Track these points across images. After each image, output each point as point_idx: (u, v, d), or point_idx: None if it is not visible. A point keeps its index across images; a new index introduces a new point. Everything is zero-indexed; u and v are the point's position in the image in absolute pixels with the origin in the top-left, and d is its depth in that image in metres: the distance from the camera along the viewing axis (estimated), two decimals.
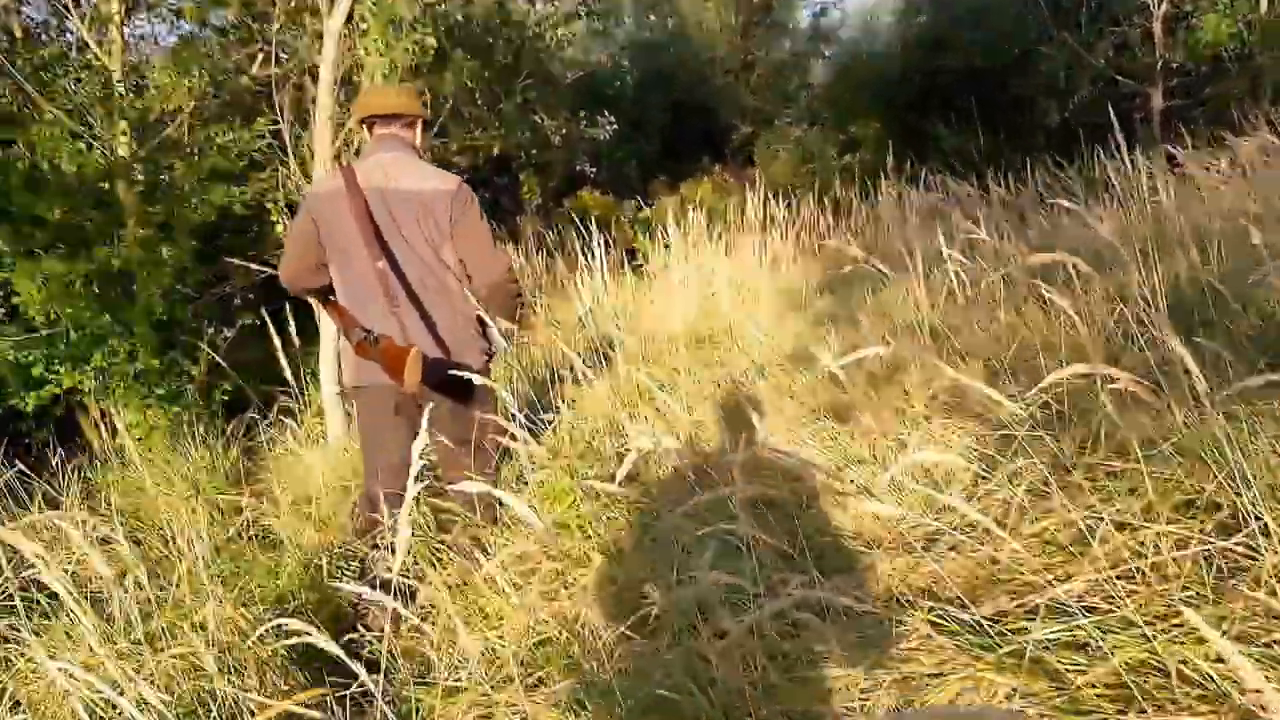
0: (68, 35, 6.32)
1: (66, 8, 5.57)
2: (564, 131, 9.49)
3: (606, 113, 9.40)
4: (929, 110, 12.08)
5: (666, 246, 7.50)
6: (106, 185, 5.68)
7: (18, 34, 6.11)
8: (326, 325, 5.03)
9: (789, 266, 7.11)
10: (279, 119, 5.47)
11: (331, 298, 3.04)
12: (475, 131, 8.28)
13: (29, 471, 5.71)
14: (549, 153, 9.42)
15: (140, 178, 6.09)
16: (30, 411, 5.45)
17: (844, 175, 11.55)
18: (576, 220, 8.87)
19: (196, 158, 6.16)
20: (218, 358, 5.62)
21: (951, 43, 11.83)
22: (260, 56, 6.15)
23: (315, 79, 5.24)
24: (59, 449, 5.47)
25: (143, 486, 4.54)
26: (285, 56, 6.34)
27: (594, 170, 11.28)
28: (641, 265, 8.56)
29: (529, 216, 12.84)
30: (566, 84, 12.67)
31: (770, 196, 9.13)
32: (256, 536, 3.67)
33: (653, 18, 17.41)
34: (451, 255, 2.97)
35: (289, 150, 5.32)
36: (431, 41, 5.20)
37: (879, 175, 9.46)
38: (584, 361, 3.71)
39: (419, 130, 3.13)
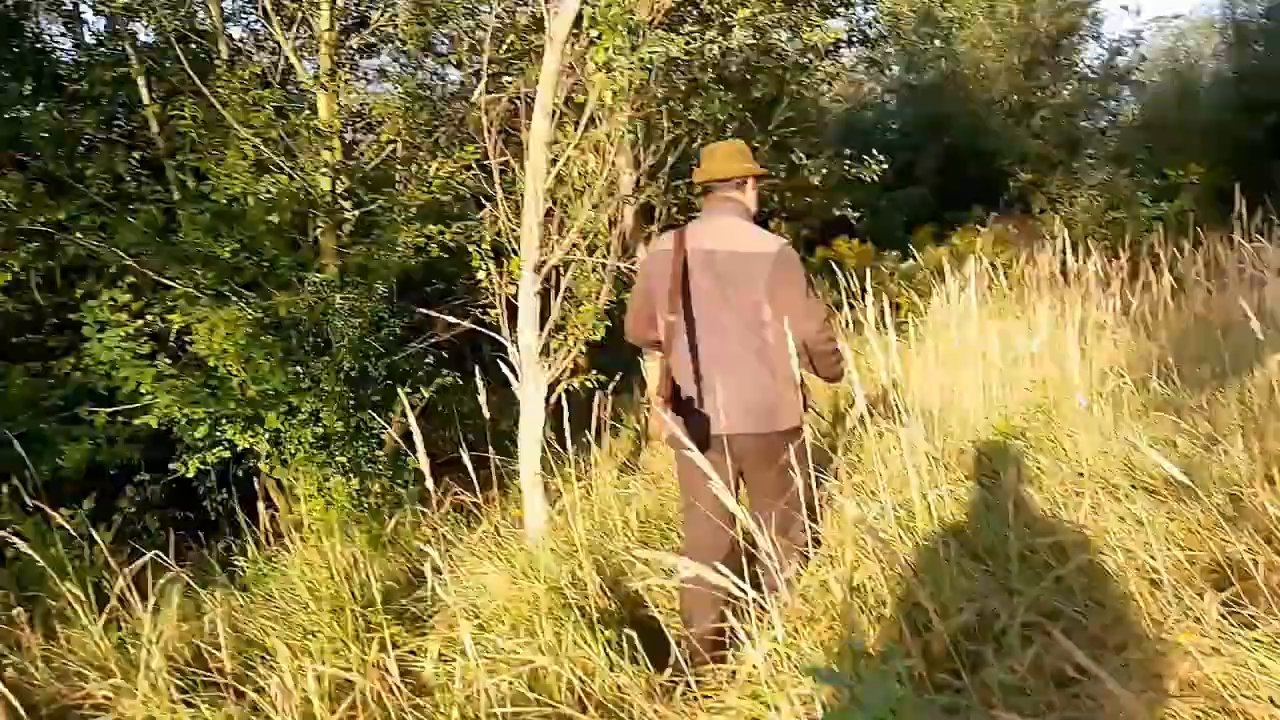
0: (272, 56, 5.82)
1: (270, 21, 4.97)
2: (824, 172, 8.24)
3: (875, 152, 7.99)
4: (1271, 152, 9.84)
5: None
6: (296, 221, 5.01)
7: (223, 54, 5.64)
8: (524, 395, 4.22)
9: (1114, 334, 5.52)
10: (487, 148, 4.59)
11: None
12: None
13: (196, 537, 5.04)
14: (806, 195, 8.18)
15: (347, 214, 5.38)
16: (194, 473, 4.80)
17: (1157, 225, 9.61)
18: (834, 269, 7.66)
19: (405, 193, 5.41)
20: (411, 422, 4.77)
21: None
22: (482, 81, 5.34)
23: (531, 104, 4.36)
24: (239, 513, 4.81)
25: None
26: (509, 80, 5.48)
27: (858, 215, 9.87)
28: (904, 324, 7.23)
29: None
30: (829, 120, 11.51)
31: (1070, 248, 7.58)
32: None
33: (925, 58, 15.86)
34: (770, 314, 3.01)
35: (496, 184, 4.40)
36: (674, 50, 4.20)
37: (1203, 226, 7.59)
38: None
39: (751, 187, 3.24)
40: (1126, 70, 14.98)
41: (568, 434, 4.36)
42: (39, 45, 6.76)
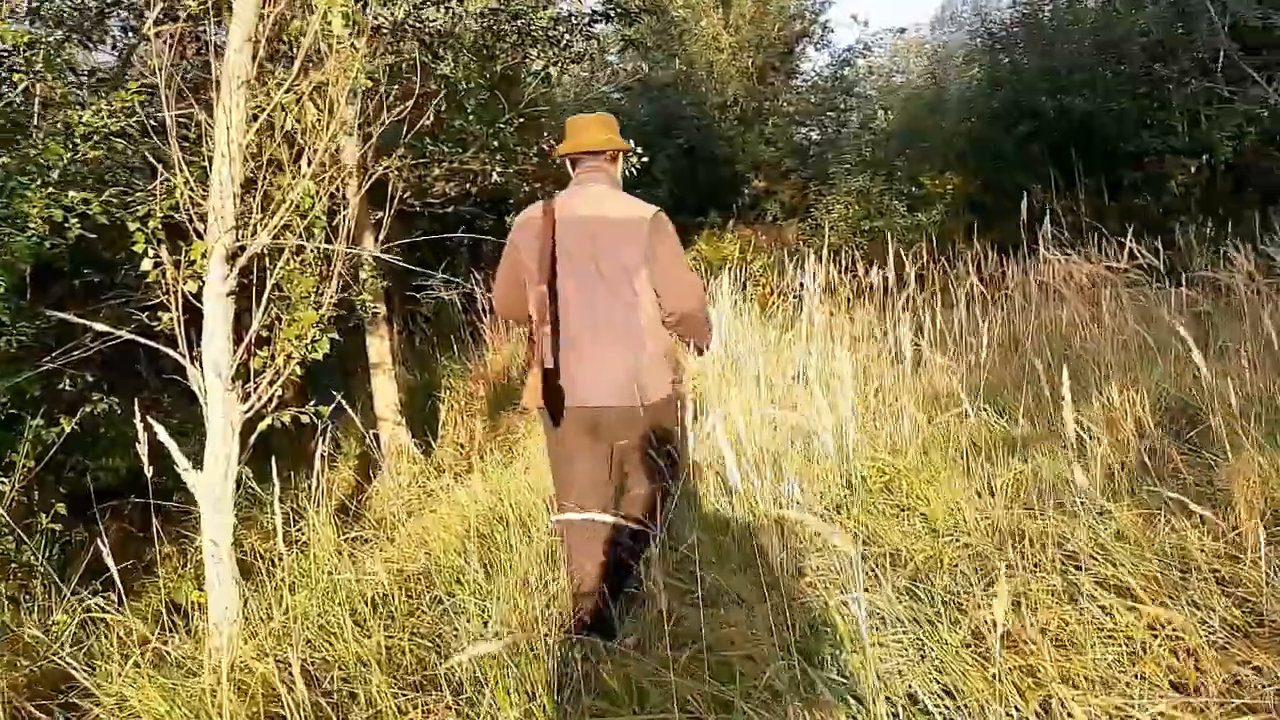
0: None
1: None
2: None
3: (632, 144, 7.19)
4: (1021, 164, 10.06)
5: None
6: None
7: None
8: (211, 434, 3.06)
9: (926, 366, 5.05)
10: (158, 94, 3.29)
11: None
12: (465, 154, 6.13)
13: None
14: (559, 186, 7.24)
15: None
16: None
17: (913, 235, 9.58)
18: None
19: (41, 151, 3.95)
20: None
21: (1045, 88, 9.85)
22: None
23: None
24: None
25: None
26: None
27: None
28: None
29: None
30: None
31: (830, 257, 7.27)
32: None
33: (656, 56, 15.40)
34: (645, 285, 3.01)
35: (172, 139, 3.12)
36: None
37: (955, 239, 7.53)
38: None
39: (620, 162, 3.25)
40: (853, 83, 15.30)
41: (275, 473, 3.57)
42: None
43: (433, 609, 3.35)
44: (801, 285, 7.65)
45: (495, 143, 6.21)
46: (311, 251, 3.40)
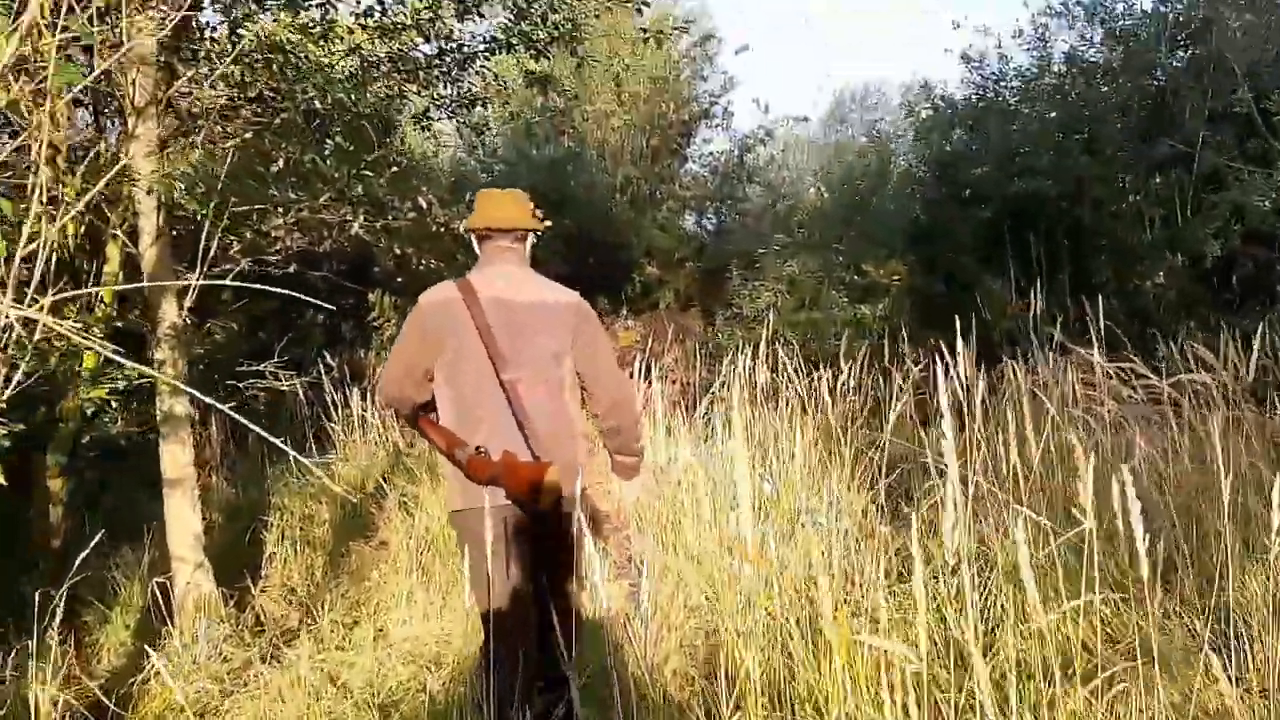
0: None
1: None
2: (455, 227, 5.88)
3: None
4: (972, 252, 9.02)
5: None
6: None
7: None
8: None
9: None
10: None
11: (429, 415, 2.93)
12: (321, 199, 4.61)
13: None
14: (432, 253, 5.75)
15: None
16: None
17: (856, 330, 8.43)
18: None
19: None
20: None
21: (1003, 165, 8.95)
22: None
23: None
24: None
25: None
26: None
27: None
28: None
29: (372, 357, 9.03)
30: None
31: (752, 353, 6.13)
32: None
33: (540, 130, 14.16)
34: (570, 373, 2.91)
35: None
36: None
37: (903, 336, 6.49)
38: None
39: (529, 244, 3.06)
40: (755, 169, 14.36)
41: None
42: None
43: None
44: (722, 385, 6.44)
45: (359, 189, 4.72)
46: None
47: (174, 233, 4.41)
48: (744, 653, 2.63)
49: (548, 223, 3.12)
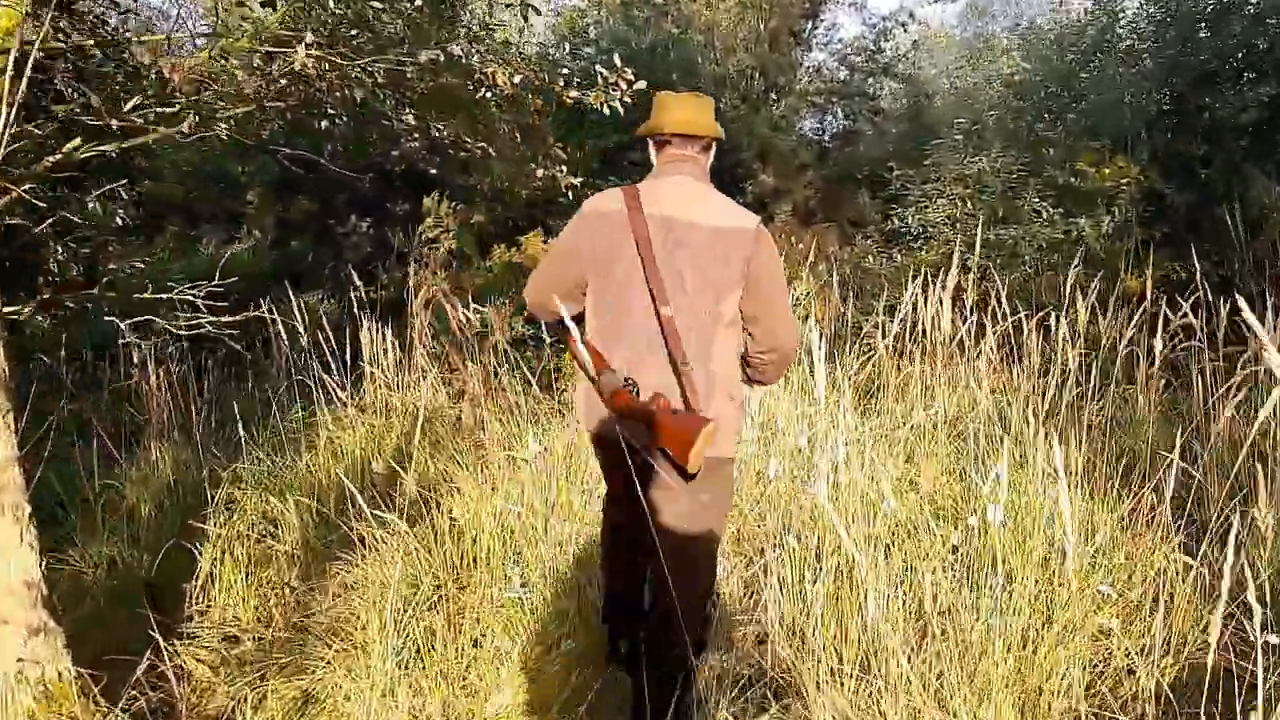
0: None
1: None
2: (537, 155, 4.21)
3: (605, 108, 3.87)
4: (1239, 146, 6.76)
5: None
6: None
7: None
8: None
9: None
10: None
11: (576, 331, 2.48)
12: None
13: None
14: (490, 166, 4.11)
15: None
16: None
17: (1063, 253, 6.24)
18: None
19: None
20: None
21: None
22: None
23: None
24: None
25: None
26: None
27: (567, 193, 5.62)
28: None
29: (424, 273, 7.30)
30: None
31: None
32: None
33: (639, 15, 12.10)
34: (733, 309, 2.45)
35: None
36: None
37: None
38: None
39: (711, 155, 2.63)
40: (893, 60, 12.00)
41: None
42: None
43: None
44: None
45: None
46: None
47: None
48: None
49: (721, 132, 2.59)
